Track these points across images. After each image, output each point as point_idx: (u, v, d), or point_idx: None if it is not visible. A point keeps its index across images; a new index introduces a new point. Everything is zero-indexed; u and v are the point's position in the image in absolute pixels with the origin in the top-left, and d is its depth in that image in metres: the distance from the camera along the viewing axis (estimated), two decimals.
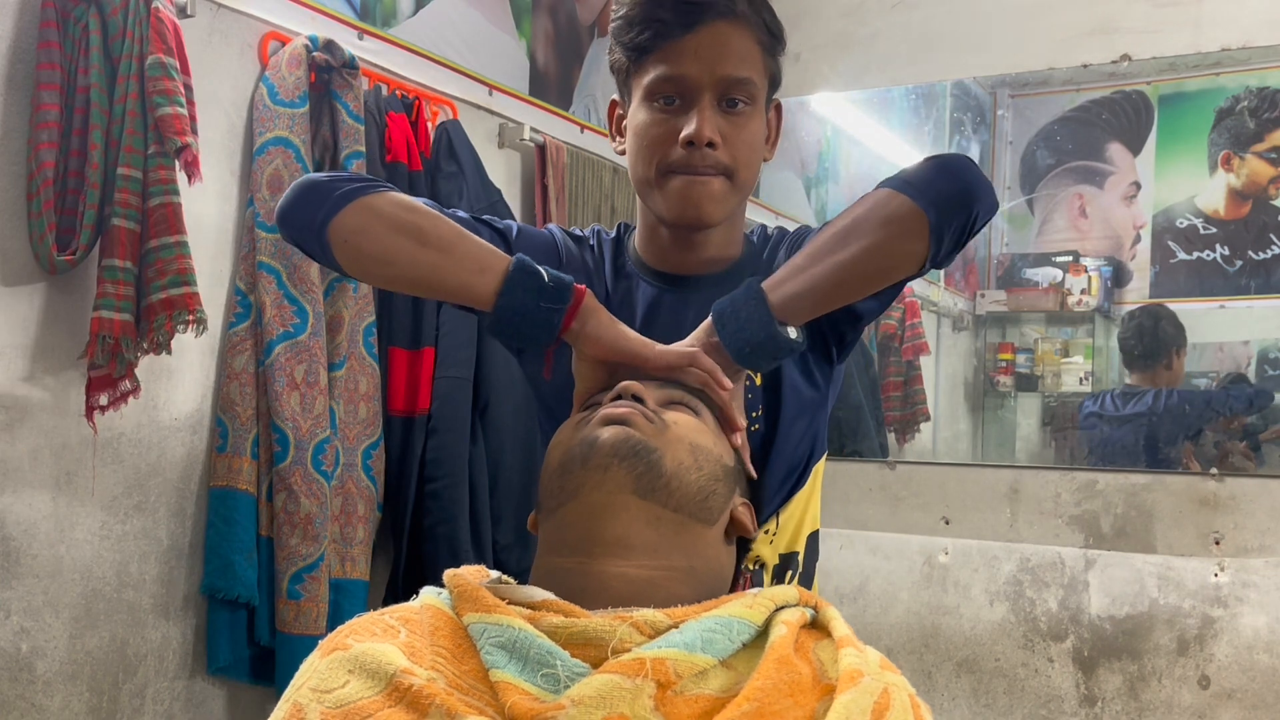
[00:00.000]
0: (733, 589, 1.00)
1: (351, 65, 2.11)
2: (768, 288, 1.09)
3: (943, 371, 3.36)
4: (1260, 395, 2.88)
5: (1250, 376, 2.98)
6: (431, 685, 0.77)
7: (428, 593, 0.89)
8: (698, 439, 0.97)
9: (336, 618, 1.99)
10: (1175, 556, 2.52)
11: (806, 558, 1.31)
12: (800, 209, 3.42)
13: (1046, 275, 3.29)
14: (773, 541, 1.27)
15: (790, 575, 1.29)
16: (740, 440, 1.06)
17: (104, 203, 1.71)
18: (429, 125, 2.33)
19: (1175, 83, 3.07)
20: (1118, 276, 3.21)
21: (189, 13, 1.87)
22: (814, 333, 1.16)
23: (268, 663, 2.02)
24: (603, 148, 2.87)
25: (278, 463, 1.97)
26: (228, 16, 2.01)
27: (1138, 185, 3.18)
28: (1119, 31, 2.75)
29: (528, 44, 2.73)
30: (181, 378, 1.95)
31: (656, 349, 1.07)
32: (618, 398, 0.99)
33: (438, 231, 1.11)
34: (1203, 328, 3.05)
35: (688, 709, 0.76)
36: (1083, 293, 3.23)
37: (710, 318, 1.10)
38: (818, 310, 1.12)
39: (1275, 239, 2.92)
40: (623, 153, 1.25)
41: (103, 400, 1.76)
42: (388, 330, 2.23)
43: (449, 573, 0.90)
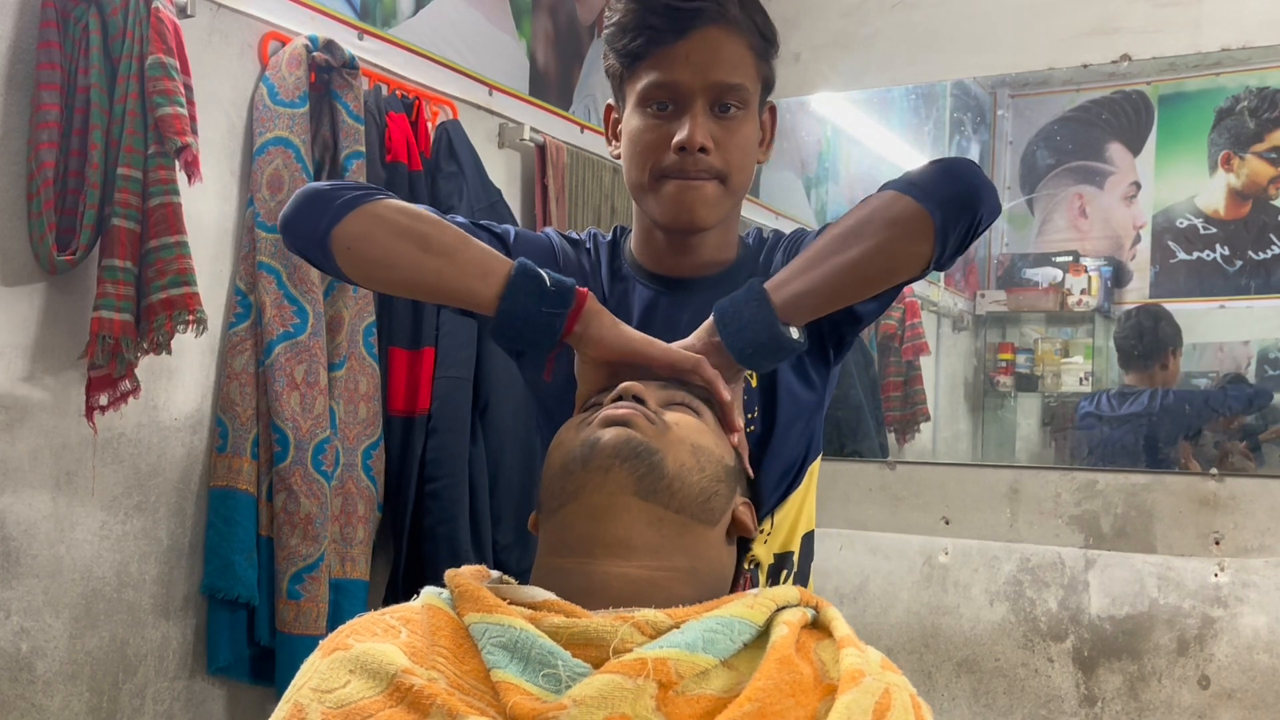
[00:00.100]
0: (733, 589, 1.00)
1: (351, 65, 2.11)
2: (770, 288, 1.09)
3: (943, 371, 3.35)
4: (1259, 395, 2.88)
5: (1250, 377, 2.98)
6: (433, 685, 0.77)
7: (428, 593, 0.89)
8: (699, 440, 0.97)
9: (336, 618, 1.99)
10: (1175, 556, 2.52)
11: (801, 558, 1.32)
12: (800, 209, 3.42)
13: (1046, 275, 3.29)
14: (767, 541, 1.27)
15: (785, 575, 1.30)
16: (739, 440, 1.06)
17: (104, 203, 1.71)
18: (429, 125, 2.33)
19: (1175, 83, 3.07)
20: (1118, 276, 3.21)
21: (189, 13, 1.87)
22: (813, 334, 1.16)
23: (268, 663, 2.02)
24: (603, 148, 2.87)
25: (278, 463, 1.97)
26: (228, 16, 2.01)
27: (1138, 185, 3.18)
28: (1119, 31, 2.75)
29: (528, 44, 2.73)
30: (181, 378, 1.95)
31: (659, 348, 1.08)
32: (619, 399, 0.98)
33: (440, 237, 1.11)
34: (1203, 328, 3.05)
35: (689, 709, 0.76)
36: (1083, 293, 3.23)
37: (711, 318, 1.10)
38: (821, 311, 1.13)
39: (1275, 239, 2.92)
40: (618, 157, 1.25)
41: (103, 400, 1.76)
42: (388, 330, 2.23)
43: (450, 573, 0.90)
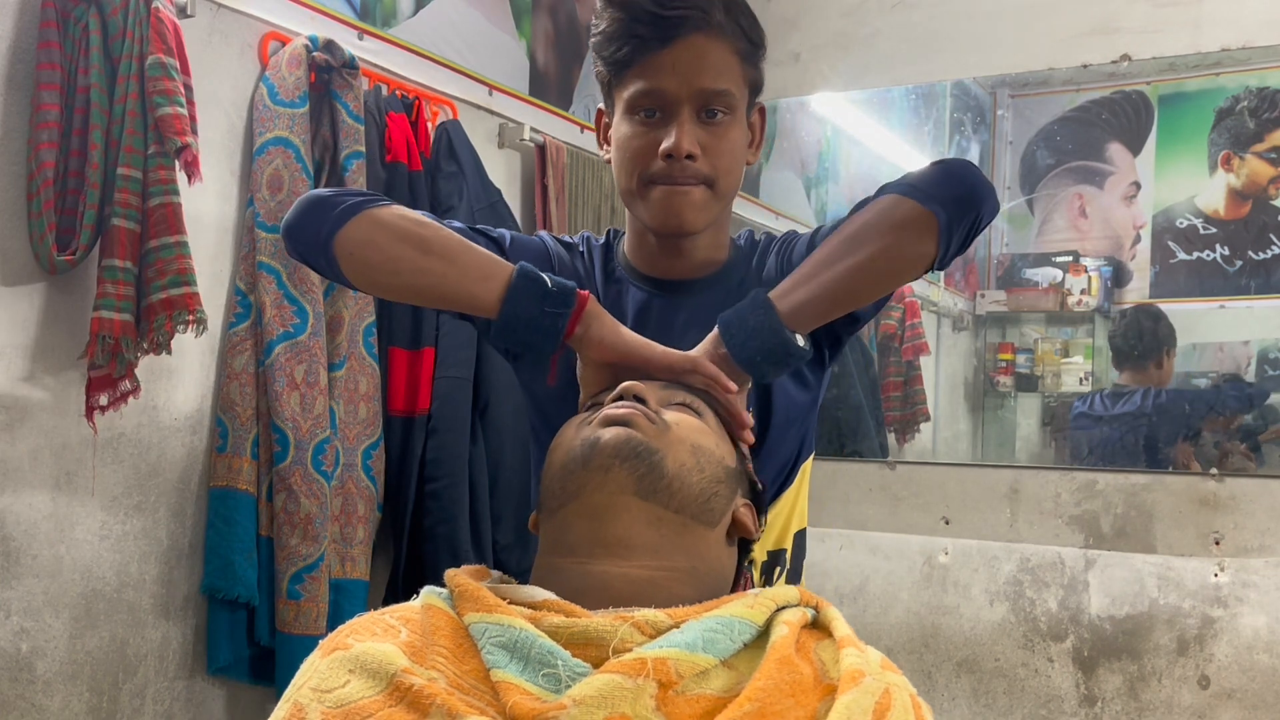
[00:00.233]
0: (734, 589, 1.00)
1: (351, 65, 2.10)
2: (775, 297, 1.10)
3: (943, 371, 3.35)
4: (1255, 394, 2.88)
5: (1250, 377, 2.97)
6: (432, 685, 0.77)
7: (428, 592, 0.89)
8: (700, 440, 0.97)
9: (336, 618, 1.99)
10: (1175, 556, 2.52)
11: (794, 555, 1.33)
12: (800, 209, 3.42)
13: (1046, 275, 3.29)
14: (760, 539, 1.28)
15: (779, 571, 1.31)
16: (750, 439, 1.07)
17: (104, 203, 1.71)
18: (429, 125, 2.33)
19: (1175, 83, 3.06)
20: (1118, 276, 3.21)
21: (189, 13, 1.87)
22: (809, 336, 1.17)
23: (268, 663, 2.02)
24: None
25: (278, 463, 1.97)
26: (228, 16, 2.01)
27: (1138, 185, 3.18)
28: (1119, 31, 2.75)
29: (528, 44, 2.73)
30: (181, 378, 1.95)
31: (660, 350, 1.08)
32: (619, 398, 0.99)
33: (441, 241, 1.12)
34: (1203, 328, 3.05)
35: (689, 709, 0.76)
36: (1083, 293, 3.23)
37: (716, 330, 1.11)
38: (827, 317, 1.14)
39: (1275, 239, 2.92)
40: (609, 161, 1.26)
41: (103, 400, 1.76)
42: (388, 330, 2.23)
43: (450, 572, 0.90)
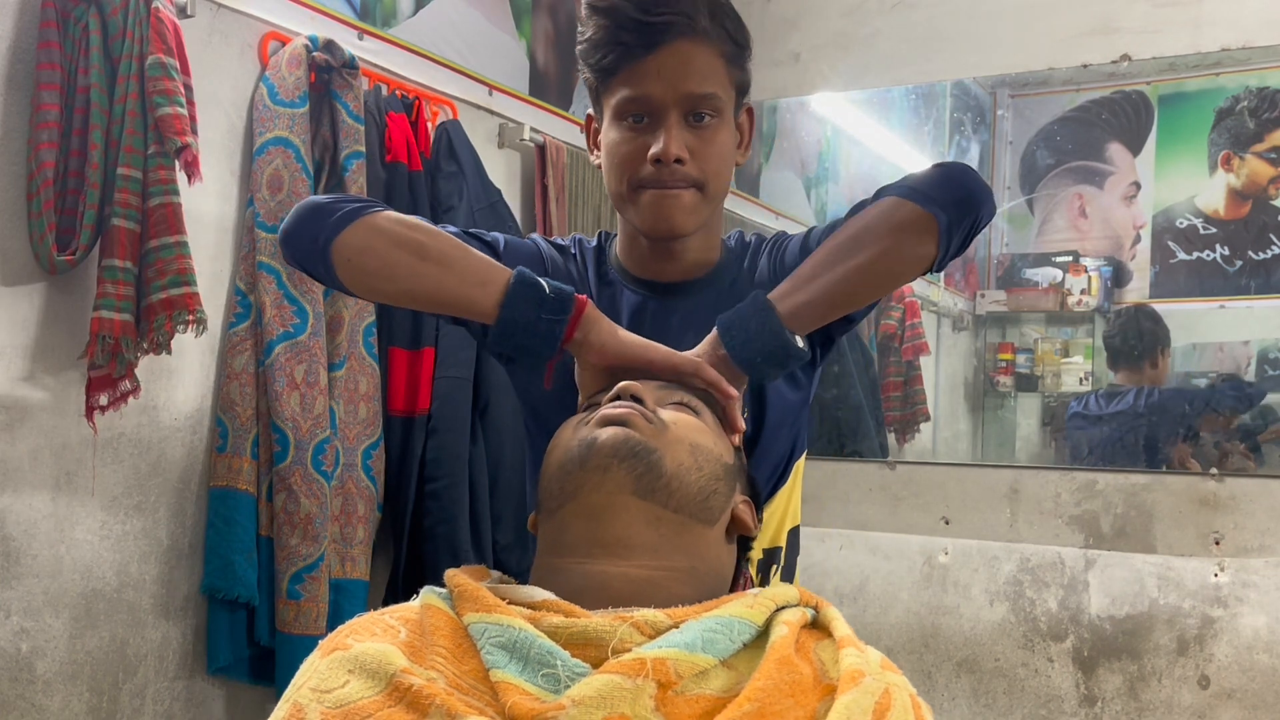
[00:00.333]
0: (734, 587, 1.00)
1: (351, 65, 2.10)
2: (775, 299, 1.11)
3: (943, 371, 3.35)
4: (1255, 394, 2.88)
5: (1250, 377, 2.97)
6: (432, 685, 0.77)
7: (427, 592, 0.89)
8: (697, 439, 0.97)
9: (336, 618, 1.99)
10: (1175, 556, 2.52)
11: (788, 552, 1.34)
12: (800, 209, 3.42)
13: (1046, 275, 3.29)
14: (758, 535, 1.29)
15: (775, 569, 1.32)
16: (739, 441, 1.07)
17: (104, 203, 1.71)
18: (429, 125, 2.33)
19: (1175, 83, 3.06)
20: (1117, 276, 3.21)
21: (189, 13, 1.87)
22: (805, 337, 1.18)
23: (268, 663, 2.02)
24: None
25: (278, 463, 1.97)
26: (228, 16, 2.01)
27: (1138, 185, 3.18)
28: (1119, 31, 2.75)
29: (528, 44, 2.73)
30: (181, 378, 1.95)
31: (660, 352, 1.08)
32: (616, 398, 0.99)
33: (439, 247, 1.13)
34: (1202, 328, 3.05)
35: (688, 709, 0.76)
36: (1083, 293, 3.23)
37: (715, 331, 1.11)
38: (827, 318, 1.15)
39: (1275, 239, 2.92)
40: (599, 167, 1.27)
41: (103, 400, 1.76)
42: (388, 330, 2.23)
43: (449, 572, 0.90)
